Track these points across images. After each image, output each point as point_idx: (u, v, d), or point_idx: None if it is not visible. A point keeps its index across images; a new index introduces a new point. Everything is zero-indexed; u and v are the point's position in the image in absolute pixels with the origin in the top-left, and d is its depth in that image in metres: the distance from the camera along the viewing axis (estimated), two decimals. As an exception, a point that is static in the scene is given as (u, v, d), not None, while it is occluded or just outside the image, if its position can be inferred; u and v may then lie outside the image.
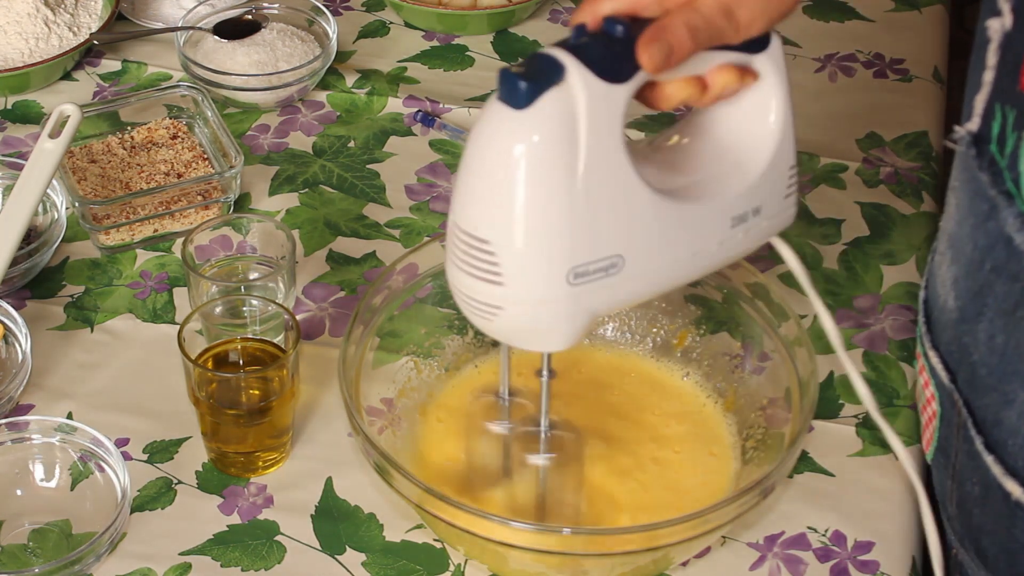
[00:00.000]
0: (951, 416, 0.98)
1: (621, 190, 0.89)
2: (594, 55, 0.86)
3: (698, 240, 0.95)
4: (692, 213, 0.94)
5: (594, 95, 0.86)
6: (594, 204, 0.88)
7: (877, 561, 1.09)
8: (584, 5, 0.89)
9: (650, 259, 0.93)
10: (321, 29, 1.51)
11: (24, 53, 1.48)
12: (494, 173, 0.87)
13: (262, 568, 1.08)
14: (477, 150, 0.88)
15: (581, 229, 0.89)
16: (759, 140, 0.97)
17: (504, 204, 0.87)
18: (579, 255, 0.89)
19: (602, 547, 1.01)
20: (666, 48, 0.87)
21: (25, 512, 1.10)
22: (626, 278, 0.92)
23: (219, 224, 1.26)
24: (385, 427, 1.12)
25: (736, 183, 0.96)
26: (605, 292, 0.91)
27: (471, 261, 0.90)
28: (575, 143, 0.87)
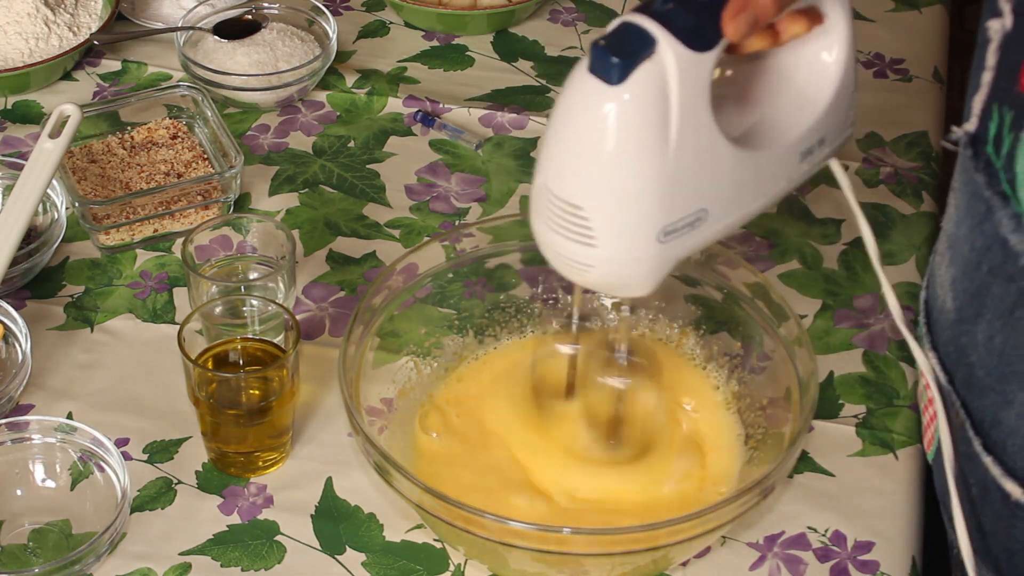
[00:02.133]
0: (950, 416, 0.98)
1: (707, 150, 0.93)
2: (682, 24, 0.88)
3: (771, 180, 0.99)
4: (767, 158, 0.98)
5: (685, 66, 0.89)
6: (683, 166, 0.92)
7: (877, 561, 1.09)
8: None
9: (731, 206, 0.97)
10: (321, 29, 1.51)
11: (24, 53, 1.48)
12: (589, 144, 0.91)
13: (262, 568, 1.08)
14: (570, 121, 0.91)
15: (672, 191, 0.92)
16: (824, 75, 1.00)
17: (600, 174, 0.91)
18: (669, 215, 0.93)
19: (602, 547, 1.01)
20: (751, 19, 0.90)
21: (25, 512, 1.10)
22: (709, 226, 0.96)
23: (219, 224, 1.26)
24: (385, 427, 1.12)
25: (804, 118, 0.99)
26: (690, 241, 0.95)
27: (565, 224, 0.93)
28: (667, 113, 0.90)
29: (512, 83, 1.52)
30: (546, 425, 1.12)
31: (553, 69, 1.54)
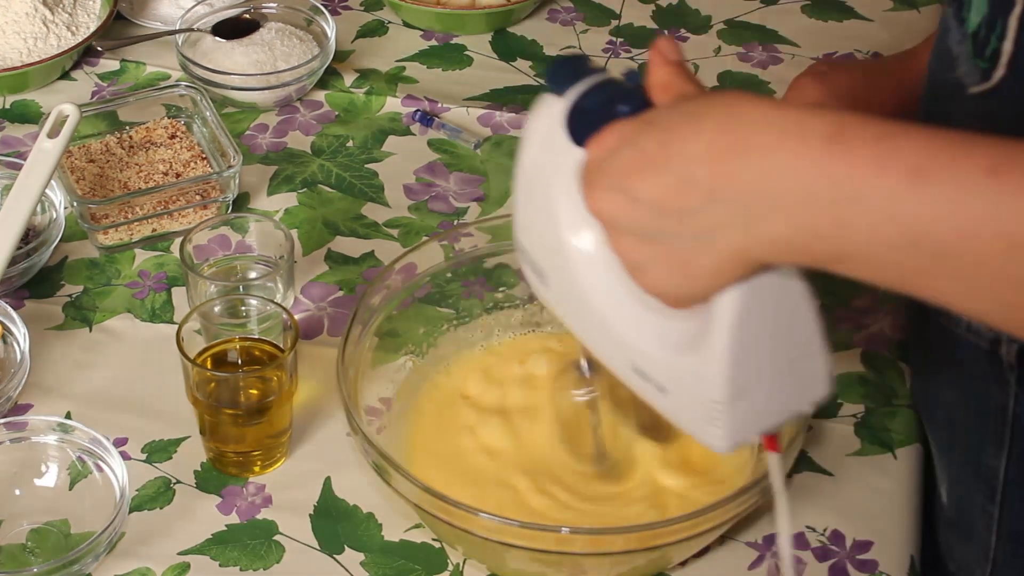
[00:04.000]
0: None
1: (546, 222, 0.88)
2: (580, 106, 0.85)
3: (604, 341, 0.89)
4: (603, 313, 0.88)
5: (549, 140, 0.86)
6: (527, 212, 0.90)
7: (876, 560, 1.09)
8: (662, 46, 0.85)
9: (564, 301, 0.90)
10: (319, 28, 1.51)
11: (22, 53, 1.48)
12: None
13: (261, 568, 1.08)
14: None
15: (523, 222, 0.90)
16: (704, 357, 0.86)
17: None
18: (526, 243, 0.91)
19: (601, 547, 1.01)
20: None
21: (24, 512, 1.10)
22: (551, 295, 0.91)
23: (217, 224, 1.26)
24: (384, 427, 1.12)
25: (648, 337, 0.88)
26: (547, 295, 0.91)
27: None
28: (532, 152, 0.89)
29: (511, 83, 1.52)
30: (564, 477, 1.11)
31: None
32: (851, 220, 0.71)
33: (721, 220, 0.75)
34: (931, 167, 0.69)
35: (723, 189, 0.74)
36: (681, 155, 0.76)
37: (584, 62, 0.86)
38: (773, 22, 1.60)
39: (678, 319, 0.83)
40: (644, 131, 0.78)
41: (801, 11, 1.62)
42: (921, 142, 0.70)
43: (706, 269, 0.77)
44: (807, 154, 0.72)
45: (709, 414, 0.83)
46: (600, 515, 1.07)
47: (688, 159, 0.75)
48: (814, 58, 1.55)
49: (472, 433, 1.13)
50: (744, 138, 0.74)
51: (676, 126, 0.77)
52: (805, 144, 0.72)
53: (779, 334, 0.82)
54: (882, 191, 0.70)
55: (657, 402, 0.87)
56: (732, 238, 0.75)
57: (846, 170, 0.71)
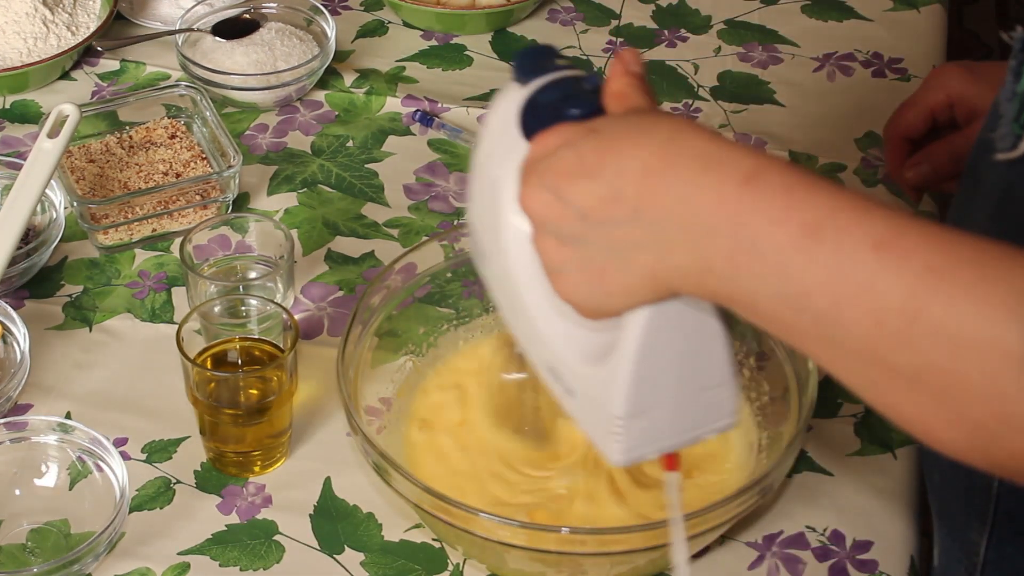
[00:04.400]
0: None
1: (489, 205, 0.88)
2: (535, 100, 0.85)
3: (526, 332, 0.89)
4: (526, 302, 0.88)
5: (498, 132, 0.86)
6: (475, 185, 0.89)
7: (876, 560, 1.09)
8: (625, 56, 0.85)
9: (497, 285, 0.90)
10: (319, 28, 1.51)
11: (22, 53, 1.48)
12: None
13: (261, 568, 1.08)
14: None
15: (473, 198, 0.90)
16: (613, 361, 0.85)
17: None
18: (470, 215, 0.90)
19: (601, 546, 1.01)
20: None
21: (24, 512, 1.10)
22: (487, 278, 0.91)
23: (217, 224, 1.26)
24: (384, 427, 1.12)
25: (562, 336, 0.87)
26: (484, 273, 0.91)
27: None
28: (488, 141, 0.88)
29: (511, 82, 1.52)
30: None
31: (552, 68, 1.53)
32: (743, 265, 0.72)
33: (639, 239, 0.76)
34: (825, 228, 0.70)
35: (645, 209, 0.75)
36: (615, 167, 0.76)
37: (552, 54, 0.87)
38: (773, 22, 1.60)
39: (589, 329, 0.84)
40: (586, 137, 0.79)
41: (801, 11, 1.62)
42: (825, 200, 0.71)
43: (619, 285, 0.78)
44: (720, 190, 0.73)
45: (609, 426, 0.84)
46: (549, 493, 1.08)
47: (620, 172, 0.76)
48: (814, 58, 1.55)
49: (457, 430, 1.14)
50: (673, 163, 0.74)
51: (617, 138, 0.78)
52: (721, 180, 0.73)
53: (686, 362, 0.83)
54: (774, 243, 0.71)
55: (566, 403, 0.88)
56: (646, 259, 0.76)
57: (748, 215, 0.72)
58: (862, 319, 0.69)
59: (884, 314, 0.68)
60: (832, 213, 0.70)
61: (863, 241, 0.69)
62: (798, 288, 0.70)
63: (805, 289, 0.70)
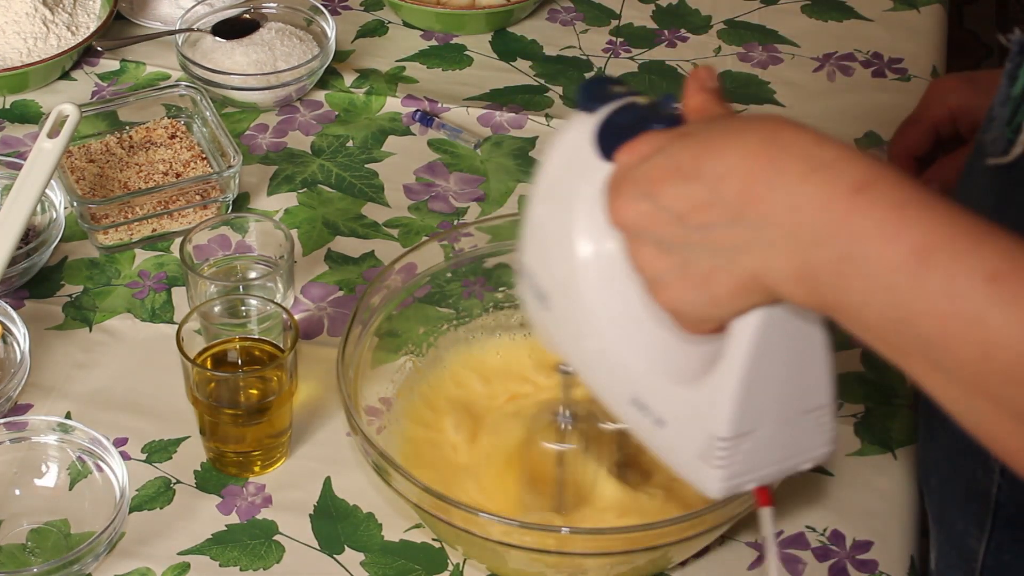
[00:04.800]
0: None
1: (557, 235, 0.86)
2: (612, 120, 0.83)
3: (604, 369, 0.86)
4: (605, 336, 0.86)
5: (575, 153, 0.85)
6: (540, 232, 0.88)
7: (876, 560, 1.09)
8: (700, 74, 0.83)
9: (566, 324, 0.88)
10: (319, 28, 1.51)
11: (22, 53, 1.48)
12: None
13: (260, 568, 1.08)
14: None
15: (531, 239, 0.88)
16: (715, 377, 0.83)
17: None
18: (529, 261, 0.88)
19: (601, 546, 1.01)
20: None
21: (24, 512, 1.10)
22: (551, 319, 0.88)
23: (217, 224, 1.26)
24: (384, 427, 1.12)
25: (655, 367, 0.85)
26: (542, 317, 0.89)
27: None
28: (552, 168, 0.86)
29: (511, 82, 1.52)
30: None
31: (552, 69, 1.54)
32: (850, 277, 0.70)
33: (742, 241, 0.74)
34: (937, 253, 0.68)
35: (747, 210, 0.73)
36: (713, 169, 0.75)
37: (617, 83, 0.85)
38: (773, 22, 1.60)
39: (691, 344, 0.82)
40: (678, 141, 0.77)
41: (801, 11, 1.62)
42: (939, 221, 0.69)
43: (724, 289, 0.76)
44: (832, 196, 0.70)
45: (709, 452, 0.81)
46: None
47: (719, 174, 0.74)
48: (814, 58, 1.55)
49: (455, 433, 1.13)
50: (778, 164, 0.72)
51: (712, 140, 0.76)
52: (832, 186, 0.71)
53: (791, 376, 0.81)
54: (884, 262, 0.69)
55: (652, 438, 0.85)
56: (750, 261, 0.74)
57: (861, 226, 0.70)
58: (970, 351, 0.67)
59: (993, 349, 0.67)
60: (947, 237, 0.68)
61: (976, 271, 0.67)
62: (905, 312, 0.69)
63: (912, 314, 0.69)
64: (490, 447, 1.11)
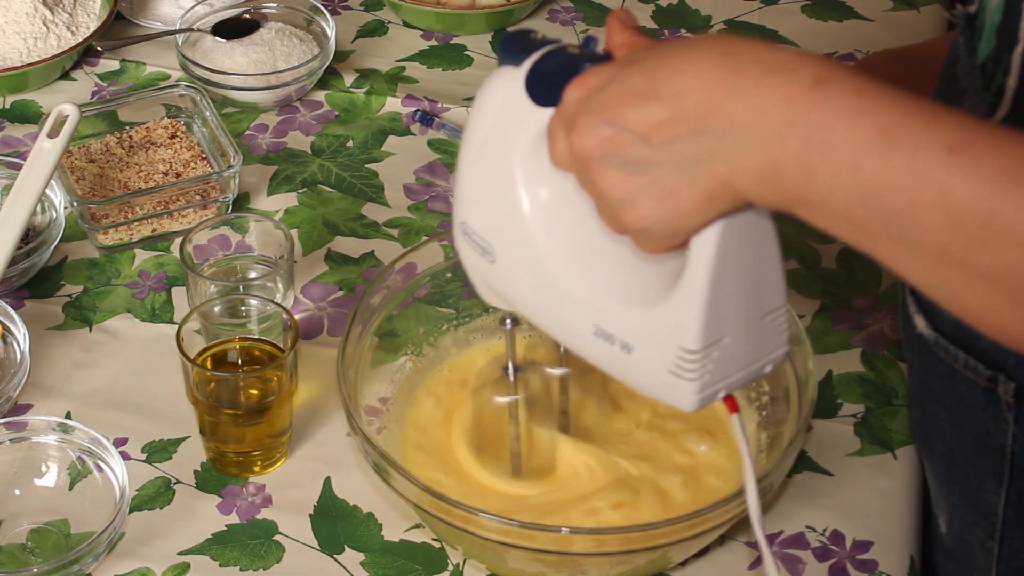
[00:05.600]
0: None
1: (501, 190, 0.87)
2: (541, 68, 0.85)
3: (562, 308, 0.88)
4: (559, 276, 0.87)
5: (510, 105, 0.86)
6: (477, 183, 0.89)
7: (876, 560, 1.09)
8: (619, 14, 0.86)
9: (513, 272, 0.89)
10: (319, 28, 1.51)
11: (22, 53, 1.48)
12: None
13: (260, 568, 1.08)
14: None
15: (469, 195, 0.89)
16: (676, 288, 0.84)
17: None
18: (468, 217, 0.90)
19: (601, 546, 1.01)
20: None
21: (24, 512, 1.10)
22: (497, 274, 0.90)
23: (217, 224, 1.26)
24: (383, 427, 1.12)
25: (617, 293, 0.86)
26: (487, 274, 0.91)
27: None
28: (488, 124, 0.88)
29: (511, 82, 1.52)
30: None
31: (552, 68, 1.53)
32: (816, 166, 0.73)
33: (706, 150, 0.76)
34: (898, 131, 0.71)
35: (710, 120, 0.76)
36: (671, 87, 0.77)
37: (535, 35, 0.87)
38: (773, 22, 1.60)
39: (649, 264, 0.84)
40: (628, 68, 0.79)
41: (801, 11, 1.62)
42: (895, 104, 0.72)
43: (694, 200, 0.78)
44: (791, 93, 0.73)
45: (680, 367, 0.83)
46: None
47: (678, 91, 0.77)
48: (814, 58, 1.55)
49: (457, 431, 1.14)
50: (734, 73, 0.75)
51: (664, 61, 0.78)
52: (790, 84, 0.74)
53: (751, 281, 0.83)
54: (849, 144, 0.72)
55: (621, 366, 0.87)
56: (716, 168, 0.76)
57: (821, 116, 0.73)
58: (937, 220, 0.70)
59: (959, 215, 0.70)
60: (905, 117, 0.71)
61: (937, 144, 0.70)
62: (872, 189, 0.72)
63: (879, 190, 0.72)
64: (457, 420, 1.13)
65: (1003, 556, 1.00)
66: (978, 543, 1.01)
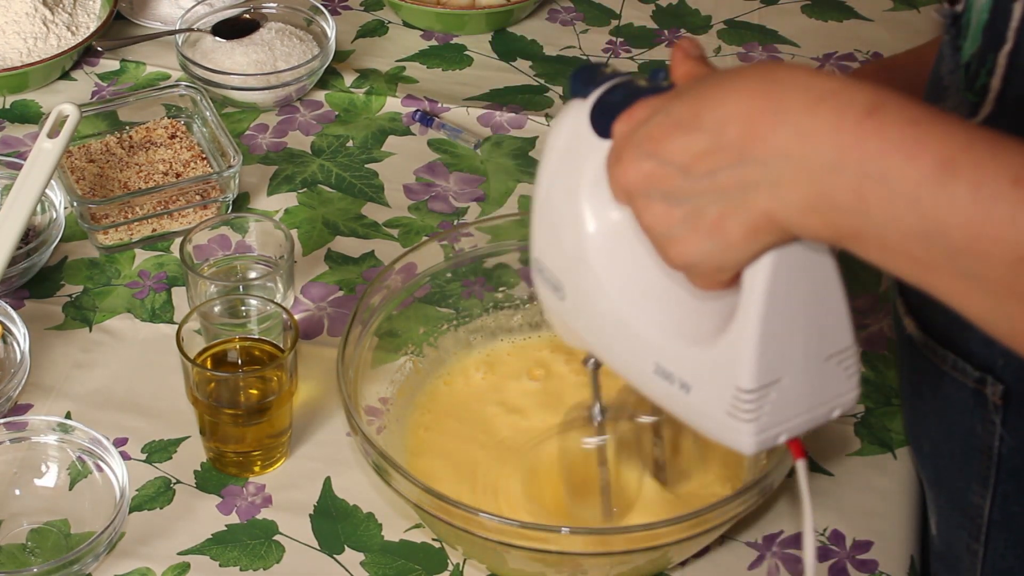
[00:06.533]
0: None
1: (568, 224, 0.87)
2: (605, 99, 0.85)
3: (624, 344, 0.88)
4: (626, 315, 0.87)
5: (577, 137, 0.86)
6: (548, 219, 0.89)
7: (876, 560, 1.09)
8: (684, 44, 0.85)
9: (583, 308, 0.89)
10: (319, 28, 1.51)
11: (22, 53, 1.48)
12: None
13: (260, 568, 1.08)
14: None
15: (540, 230, 0.89)
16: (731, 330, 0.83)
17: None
18: (539, 252, 0.90)
19: (601, 547, 1.00)
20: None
21: (24, 512, 1.10)
22: (568, 310, 0.89)
23: (217, 224, 1.26)
24: (383, 427, 1.12)
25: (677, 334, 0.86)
26: (557, 309, 0.90)
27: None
28: (554, 156, 0.88)
29: (511, 82, 1.52)
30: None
31: (552, 68, 1.54)
32: (873, 198, 0.71)
33: (750, 180, 0.74)
34: (960, 163, 0.69)
35: (753, 149, 0.73)
36: (713, 117, 0.75)
37: (605, 68, 0.86)
38: (773, 22, 1.60)
39: (706, 301, 0.82)
40: (673, 100, 0.78)
41: (801, 11, 1.62)
42: (955, 134, 0.70)
43: (737, 232, 0.76)
44: (841, 123, 0.71)
45: (736, 407, 0.81)
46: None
47: (720, 121, 0.75)
48: (814, 58, 1.55)
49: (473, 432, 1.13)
50: (779, 100, 0.73)
51: (707, 92, 0.76)
52: (841, 113, 0.71)
53: (809, 319, 0.81)
54: (908, 177, 0.69)
55: (681, 406, 0.85)
56: (761, 200, 0.74)
57: (877, 147, 0.70)
58: (1004, 255, 0.68)
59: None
60: (967, 147, 0.69)
61: (1002, 176, 0.68)
62: (933, 223, 0.69)
63: (941, 224, 0.69)
64: (526, 459, 1.10)
65: (988, 559, 1.00)
66: (964, 545, 1.01)
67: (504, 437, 1.13)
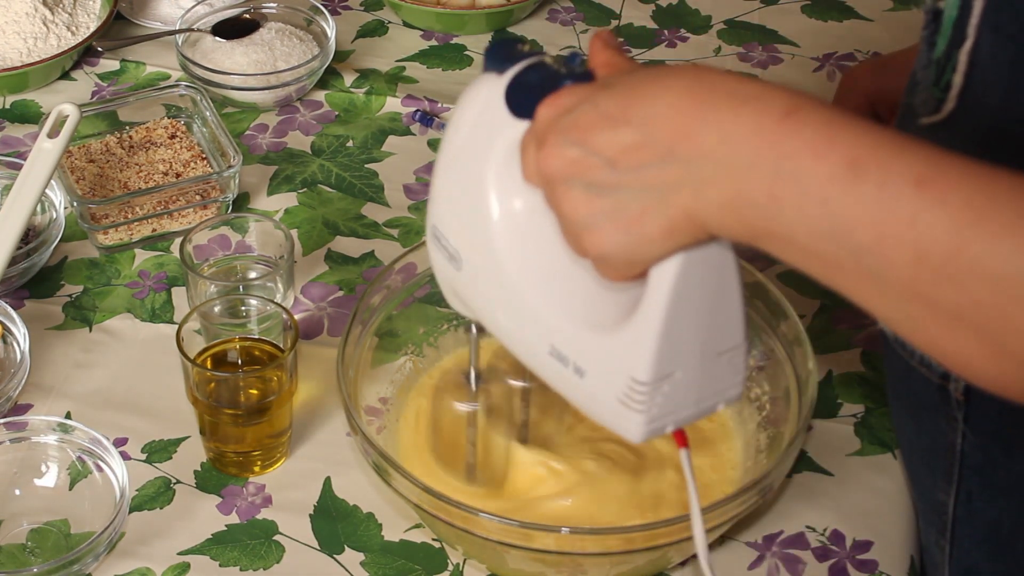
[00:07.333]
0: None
1: (471, 197, 0.87)
2: (522, 80, 0.85)
3: (520, 324, 0.88)
4: (522, 295, 0.87)
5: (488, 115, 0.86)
6: (448, 190, 0.89)
7: (876, 560, 1.09)
8: (602, 35, 0.86)
9: (480, 282, 0.89)
10: (319, 28, 1.51)
11: (22, 53, 1.48)
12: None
13: (260, 568, 1.08)
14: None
15: (440, 198, 0.89)
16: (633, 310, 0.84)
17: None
18: (438, 220, 0.90)
19: (601, 546, 1.01)
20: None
21: (24, 512, 1.10)
22: (463, 282, 0.90)
23: (217, 224, 1.26)
24: (383, 427, 1.12)
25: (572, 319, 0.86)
26: (453, 281, 0.91)
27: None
28: (468, 128, 0.88)
29: (511, 82, 1.52)
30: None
31: (552, 68, 1.53)
32: (784, 197, 0.72)
33: (674, 178, 0.75)
34: (867, 163, 0.70)
35: (680, 147, 0.75)
36: (642, 113, 0.76)
37: (522, 45, 0.87)
38: (773, 22, 1.60)
39: (609, 292, 0.83)
40: (602, 92, 0.79)
41: (801, 11, 1.62)
42: (864, 136, 0.71)
43: (656, 228, 0.77)
44: (761, 124, 0.73)
45: (629, 397, 0.82)
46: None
47: (649, 118, 0.76)
48: (814, 58, 1.55)
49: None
50: (707, 102, 0.74)
51: (638, 87, 0.78)
52: (761, 114, 0.73)
53: (708, 318, 0.82)
54: (818, 176, 0.71)
55: (572, 388, 0.86)
56: (682, 197, 0.76)
57: (792, 146, 0.72)
58: (904, 254, 0.69)
59: (926, 250, 0.69)
60: (873, 149, 0.70)
61: (905, 177, 0.69)
62: (840, 222, 0.71)
63: (847, 223, 0.71)
64: (421, 420, 1.13)
65: (954, 556, 1.00)
66: (933, 541, 1.02)
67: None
